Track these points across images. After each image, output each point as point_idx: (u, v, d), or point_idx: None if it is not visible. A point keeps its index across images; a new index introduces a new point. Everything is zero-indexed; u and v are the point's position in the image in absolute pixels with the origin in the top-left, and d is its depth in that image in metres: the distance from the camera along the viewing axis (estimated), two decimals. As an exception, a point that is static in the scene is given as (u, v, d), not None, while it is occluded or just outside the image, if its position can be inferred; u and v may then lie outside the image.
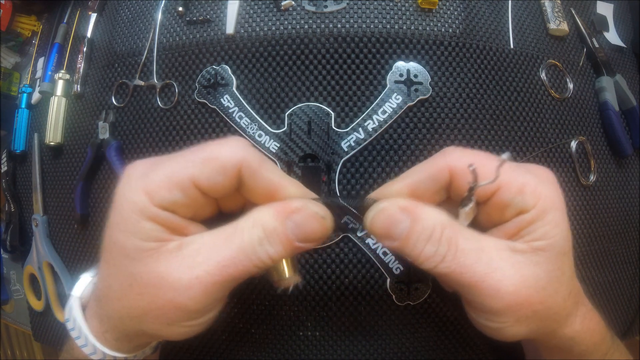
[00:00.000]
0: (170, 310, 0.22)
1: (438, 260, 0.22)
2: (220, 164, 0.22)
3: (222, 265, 0.21)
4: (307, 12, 0.37)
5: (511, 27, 0.39)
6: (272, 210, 0.22)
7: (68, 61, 0.44)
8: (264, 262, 0.22)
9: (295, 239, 0.22)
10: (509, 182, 0.23)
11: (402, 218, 0.22)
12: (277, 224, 0.22)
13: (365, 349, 0.35)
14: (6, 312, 0.49)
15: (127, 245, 0.22)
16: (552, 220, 0.22)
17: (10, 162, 0.46)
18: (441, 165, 0.24)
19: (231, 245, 0.22)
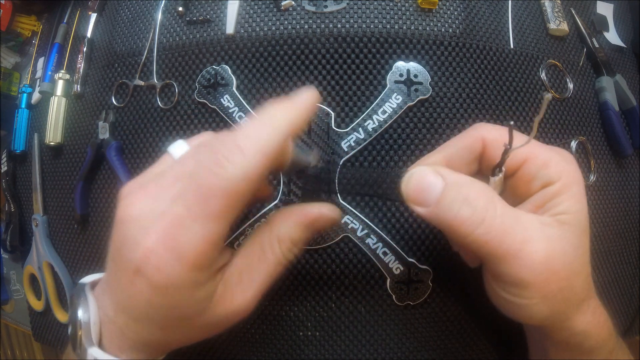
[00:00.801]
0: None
1: (476, 223, 0.21)
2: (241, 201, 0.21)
3: (266, 282, 0.24)
4: (307, 12, 0.37)
5: (511, 27, 0.39)
6: (292, 222, 0.25)
7: (68, 61, 0.44)
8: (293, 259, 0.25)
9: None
10: (535, 155, 0.23)
11: (435, 181, 0.21)
12: (302, 235, 0.25)
13: (365, 349, 0.35)
14: (6, 312, 0.49)
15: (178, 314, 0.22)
16: (575, 194, 0.23)
17: (10, 162, 0.46)
18: (475, 136, 0.24)
19: (267, 263, 0.24)
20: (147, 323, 0.22)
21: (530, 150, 0.23)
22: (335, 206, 0.26)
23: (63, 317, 0.41)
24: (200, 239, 0.20)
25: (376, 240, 0.34)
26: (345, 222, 0.34)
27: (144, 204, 0.21)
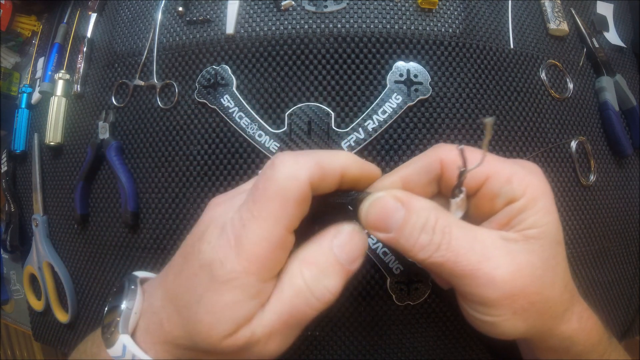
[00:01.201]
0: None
1: (433, 249, 0.21)
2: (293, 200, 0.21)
3: (283, 319, 0.22)
4: (307, 12, 0.37)
5: (511, 27, 0.39)
6: (314, 245, 0.23)
7: (68, 61, 0.44)
8: (325, 299, 0.22)
9: (346, 262, 0.22)
10: (497, 172, 0.23)
11: (396, 207, 0.22)
12: (325, 256, 0.22)
13: (365, 349, 0.35)
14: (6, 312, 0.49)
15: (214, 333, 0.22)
16: (542, 207, 0.22)
17: (10, 162, 0.46)
18: (433, 158, 0.24)
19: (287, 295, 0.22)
20: (190, 316, 0.22)
21: (491, 167, 0.23)
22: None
23: (63, 317, 0.41)
24: (258, 237, 0.21)
25: (376, 240, 0.34)
26: (345, 222, 0.34)
27: (223, 210, 0.23)
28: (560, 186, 0.38)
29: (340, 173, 0.23)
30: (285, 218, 0.21)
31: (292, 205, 0.21)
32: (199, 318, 0.22)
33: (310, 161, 0.22)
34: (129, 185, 0.37)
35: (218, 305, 0.21)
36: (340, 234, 0.23)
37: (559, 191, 0.38)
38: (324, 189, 0.23)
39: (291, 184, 0.21)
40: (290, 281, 0.22)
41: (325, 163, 0.22)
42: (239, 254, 0.21)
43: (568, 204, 0.38)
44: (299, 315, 0.22)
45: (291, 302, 0.22)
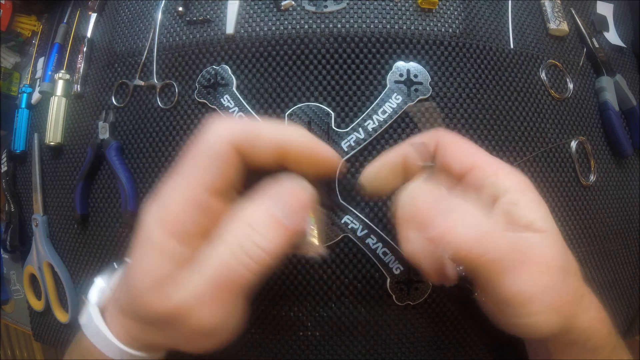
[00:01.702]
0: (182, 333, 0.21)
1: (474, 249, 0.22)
2: (215, 157, 0.21)
3: (213, 279, 0.20)
4: (307, 12, 0.37)
5: (511, 27, 0.39)
6: (248, 201, 0.21)
7: (68, 61, 0.44)
8: (260, 259, 0.20)
9: (285, 219, 0.21)
10: (483, 165, 0.24)
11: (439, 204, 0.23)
12: (258, 210, 0.21)
13: (365, 349, 0.35)
14: (6, 312, 0.49)
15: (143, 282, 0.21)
16: (534, 199, 0.23)
17: (10, 162, 0.46)
18: (431, 136, 0.25)
19: (217, 256, 0.20)
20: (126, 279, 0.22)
21: (477, 159, 0.24)
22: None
23: (63, 317, 0.41)
24: (174, 194, 0.21)
25: (376, 240, 0.34)
26: (345, 222, 0.34)
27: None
28: (560, 186, 0.38)
29: (276, 144, 0.22)
30: (202, 177, 0.21)
31: (210, 163, 0.21)
32: (130, 279, 0.22)
33: (242, 125, 0.21)
34: (129, 185, 0.37)
35: (142, 265, 0.21)
36: (277, 188, 0.21)
37: (559, 191, 0.38)
38: (261, 160, 0.22)
39: (212, 142, 0.21)
40: (224, 241, 0.21)
41: (259, 129, 0.21)
42: (158, 212, 0.21)
43: (568, 204, 0.38)
44: (234, 277, 0.20)
45: (223, 262, 0.20)
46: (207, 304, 0.20)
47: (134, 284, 0.21)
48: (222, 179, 0.21)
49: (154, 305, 0.21)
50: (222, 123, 0.22)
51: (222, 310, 0.21)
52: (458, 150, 0.24)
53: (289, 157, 0.22)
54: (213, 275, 0.20)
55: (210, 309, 0.21)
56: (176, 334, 0.22)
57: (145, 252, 0.21)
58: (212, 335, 0.22)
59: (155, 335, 0.22)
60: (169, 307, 0.20)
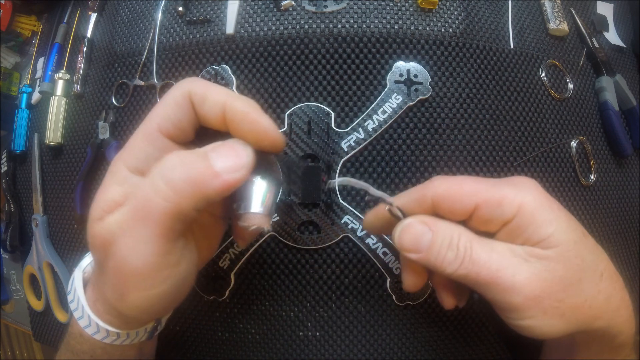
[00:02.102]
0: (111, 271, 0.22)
1: (458, 263, 0.23)
2: (172, 101, 0.24)
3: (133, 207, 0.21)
4: (307, 12, 0.37)
5: (511, 27, 0.39)
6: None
7: (68, 61, 0.44)
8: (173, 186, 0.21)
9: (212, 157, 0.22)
10: (486, 198, 0.24)
11: (424, 230, 0.24)
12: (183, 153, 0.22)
13: (365, 349, 0.35)
14: (6, 312, 0.49)
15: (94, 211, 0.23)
16: (542, 221, 0.23)
17: (10, 162, 0.46)
18: (424, 193, 0.25)
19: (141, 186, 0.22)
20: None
21: (478, 197, 0.24)
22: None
23: (63, 317, 0.41)
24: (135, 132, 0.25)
25: (376, 240, 0.34)
26: (345, 222, 0.34)
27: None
28: (560, 186, 0.38)
29: (222, 104, 0.23)
30: (158, 116, 0.24)
31: (166, 105, 0.24)
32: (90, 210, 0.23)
33: (201, 83, 0.24)
34: (129, 185, 0.37)
35: (98, 192, 0.23)
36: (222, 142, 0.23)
37: (559, 191, 0.38)
38: (207, 116, 0.24)
39: (173, 90, 0.24)
40: (149, 174, 0.22)
41: (212, 89, 0.24)
42: (122, 149, 0.24)
43: (568, 204, 0.38)
44: (148, 205, 0.21)
45: (142, 192, 0.21)
46: (126, 234, 0.21)
47: (90, 213, 0.23)
48: (174, 123, 0.24)
49: (94, 231, 0.22)
50: (185, 80, 0.24)
51: (139, 245, 0.21)
52: (455, 197, 0.24)
53: (231, 119, 0.23)
54: (132, 205, 0.22)
55: (128, 240, 0.21)
56: (109, 273, 0.22)
57: (105, 182, 0.23)
58: (138, 281, 0.22)
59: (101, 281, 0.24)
60: (101, 232, 0.22)
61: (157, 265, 0.22)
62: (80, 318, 0.25)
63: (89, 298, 0.25)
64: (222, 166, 0.21)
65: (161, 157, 0.22)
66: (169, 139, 0.24)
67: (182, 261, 0.23)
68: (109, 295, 0.23)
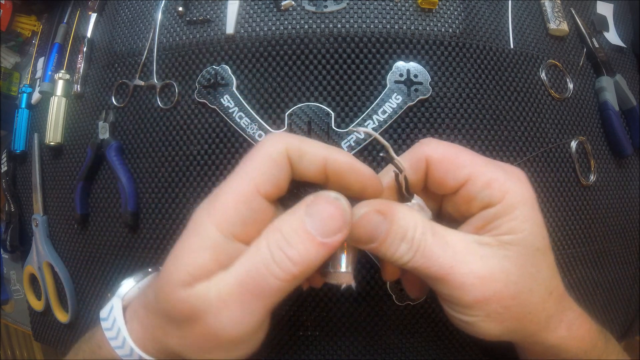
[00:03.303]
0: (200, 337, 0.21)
1: (410, 255, 0.22)
2: (269, 160, 0.22)
3: (240, 281, 0.20)
4: (307, 12, 0.37)
5: (511, 27, 0.39)
6: (287, 213, 0.22)
7: (68, 61, 0.44)
8: (286, 268, 0.20)
9: (317, 233, 0.21)
10: (477, 176, 0.23)
11: (379, 221, 0.23)
12: (293, 222, 0.21)
13: (365, 349, 0.35)
14: (6, 312, 0.49)
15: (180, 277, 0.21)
16: (520, 215, 0.23)
17: (10, 162, 0.46)
18: (419, 156, 0.24)
19: (248, 259, 0.21)
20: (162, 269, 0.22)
21: (472, 170, 0.23)
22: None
23: (63, 317, 0.41)
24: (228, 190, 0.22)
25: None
26: (345, 222, 0.34)
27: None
28: (560, 186, 0.38)
29: (323, 158, 0.22)
30: (255, 176, 0.21)
31: (264, 163, 0.22)
32: (165, 267, 0.22)
33: (294, 137, 0.23)
34: (129, 185, 0.37)
35: (180, 251, 0.21)
36: (315, 201, 0.22)
37: (559, 191, 0.38)
38: (306, 171, 0.22)
39: (267, 146, 0.22)
40: (257, 246, 0.21)
41: (308, 142, 0.23)
42: (209, 204, 0.22)
43: (568, 204, 0.38)
44: (260, 284, 0.20)
45: (252, 267, 0.21)
46: (229, 307, 0.20)
47: (169, 274, 0.21)
48: (274, 183, 0.22)
49: (180, 297, 0.21)
50: (277, 135, 0.23)
51: (243, 317, 0.21)
52: (451, 164, 0.23)
53: (335, 172, 0.23)
54: (240, 278, 0.20)
55: (231, 312, 0.21)
56: (192, 335, 0.21)
57: (189, 243, 0.21)
58: (229, 345, 0.22)
59: (171, 334, 0.22)
60: (192, 300, 0.20)
61: (254, 333, 0.22)
62: (120, 348, 0.24)
63: (136, 333, 0.24)
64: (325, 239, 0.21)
65: (258, 220, 0.22)
66: (265, 199, 0.22)
67: (268, 323, 0.23)
68: (181, 349, 0.22)
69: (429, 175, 0.24)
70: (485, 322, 0.23)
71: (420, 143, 0.25)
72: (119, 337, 0.24)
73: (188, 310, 0.21)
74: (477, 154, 0.24)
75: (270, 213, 0.22)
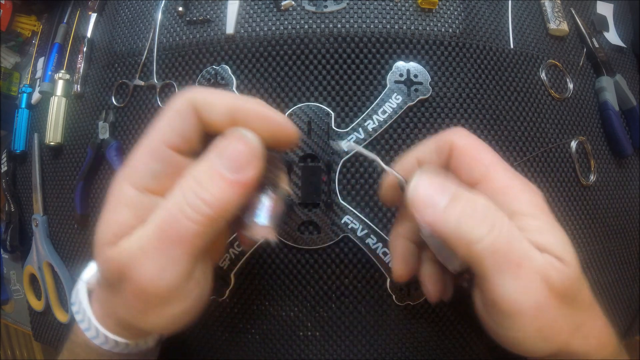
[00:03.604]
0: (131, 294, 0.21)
1: (483, 233, 0.20)
2: (175, 112, 0.22)
3: (158, 230, 0.20)
4: (307, 12, 0.37)
5: (511, 27, 0.39)
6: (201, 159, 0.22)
7: (68, 61, 0.44)
8: (201, 211, 0.20)
9: (227, 171, 0.21)
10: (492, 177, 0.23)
11: (445, 183, 0.22)
12: (203, 165, 0.21)
13: (365, 349, 0.35)
14: (6, 312, 0.49)
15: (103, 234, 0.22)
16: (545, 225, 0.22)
17: (10, 162, 0.46)
18: (445, 140, 0.24)
19: (163, 207, 0.21)
20: None
21: (489, 171, 0.22)
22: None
23: (63, 317, 0.41)
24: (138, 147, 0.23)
25: (376, 240, 0.34)
26: (345, 222, 0.34)
27: None
28: (560, 186, 0.38)
29: (230, 107, 0.22)
30: (162, 129, 0.22)
31: (170, 117, 0.22)
32: (95, 233, 0.22)
33: (203, 90, 0.23)
34: (129, 185, 0.37)
35: (104, 214, 0.22)
36: (223, 140, 0.22)
37: (559, 191, 0.38)
38: (215, 121, 0.22)
39: (175, 101, 0.22)
40: (172, 194, 0.21)
41: (215, 94, 0.22)
42: (125, 167, 0.22)
43: (568, 204, 0.38)
44: (177, 229, 0.20)
45: (167, 214, 0.20)
46: (150, 257, 0.20)
47: (98, 237, 0.22)
48: (180, 134, 0.22)
49: (107, 256, 0.21)
50: (186, 90, 0.23)
51: (166, 266, 0.20)
52: (471, 158, 0.23)
53: (243, 120, 0.22)
54: (157, 227, 0.20)
55: (153, 262, 0.20)
56: (127, 296, 0.21)
57: (110, 204, 0.22)
58: (161, 302, 0.21)
59: (115, 302, 0.23)
60: (116, 257, 0.21)
61: (182, 284, 0.21)
62: (88, 330, 0.24)
63: (96, 312, 0.24)
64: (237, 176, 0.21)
65: (170, 172, 0.22)
66: (176, 152, 0.22)
67: (201, 276, 0.22)
68: (125, 315, 0.22)
69: (452, 160, 0.24)
70: (534, 336, 0.21)
71: (450, 130, 0.25)
72: (85, 319, 0.25)
73: (116, 267, 0.21)
74: (501, 159, 0.23)
75: (184, 166, 0.22)
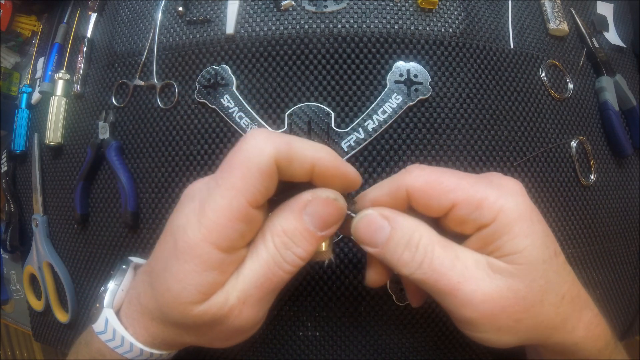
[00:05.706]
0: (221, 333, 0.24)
1: (415, 266, 0.23)
2: (258, 172, 0.21)
3: (258, 283, 0.23)
4: (307, 12, 0.37)
5: (511, 27, 0.39)
6: (285, 212, 0.23)
7: (68, 61, 0.44)
8: (295, 264, 0.23)
9: (317, 229, 0.23)
10: (466, 198, 0.23)
11: (383, 224, 0.23)
12: (295, 223, 0.23)
13: (365, 349, 0.35)
14: (6, 312, 0.49)
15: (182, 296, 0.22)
16: (519, 232, 0.22)
17: (10, 162, 0.46)
18: (399, 184, 0.24)
19: (259, 261, 0.23)
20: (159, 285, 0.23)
21: (458, 194, 0.23)
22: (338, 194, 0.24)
23: (63, 317, 0.41)
24: (219, 206, 0.21)
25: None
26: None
27: (199, 185, 0.24)
28: (560, 186, 0.38)
29: (311, 162, 0.23)
30: (247, 189, 0.21)
31: (254, 176, 0.21)
32: (166, 286, 0.22)
33: (281, 140, 0.22)
34: (129, 185, 0.37)
35: (182, 273, 0.22)
36: (314, 202, 0.23)
37: (559, 191, 0.38)
38: (294, 174, 0.23)
39: (255, 155, 0.21)
40: (265, 249, 0.23)
41: (296, 146, 0.22)
42: (201, 221, 0.22)
43: (568, 204, 0.38)
44: (274, 279, 0.23)
45: (266, 268, 0.23)
46: (250, 306, 0.23)
47: (177, 295, 0.22)
48: (265, 194, 0.22)
49: (198, 313, 0.22)
50: (262, 138, 0.22)
51: (260, 308, 0.24)
52: (434, 191, 0.23)
53: (322, 174, 0.23)
54: (258, 280, 0.23)
55: (251, 309, 0.23)
56: (212, 334, 0.24)
57: (189, 264, 0.22)
58: (247, 334, 0.25)
59: (186, 336, 0.25)
60: (209, 312, 0.22)
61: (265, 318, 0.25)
62: (128, 352, 0.25)
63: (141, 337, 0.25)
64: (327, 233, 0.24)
65: (252, 228, 0.23)
66: (256, 209, 0.22)
67: None
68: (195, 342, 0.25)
69: (414, 203, 0.24)
70: (497, 335, 0.23)
71: (403, 171, 0.25)
72: (125, 344, 0.25)
73: (209, 320, 0.23)
74: (465, 175, 0.24)
75: (261, 216, 0.23)
